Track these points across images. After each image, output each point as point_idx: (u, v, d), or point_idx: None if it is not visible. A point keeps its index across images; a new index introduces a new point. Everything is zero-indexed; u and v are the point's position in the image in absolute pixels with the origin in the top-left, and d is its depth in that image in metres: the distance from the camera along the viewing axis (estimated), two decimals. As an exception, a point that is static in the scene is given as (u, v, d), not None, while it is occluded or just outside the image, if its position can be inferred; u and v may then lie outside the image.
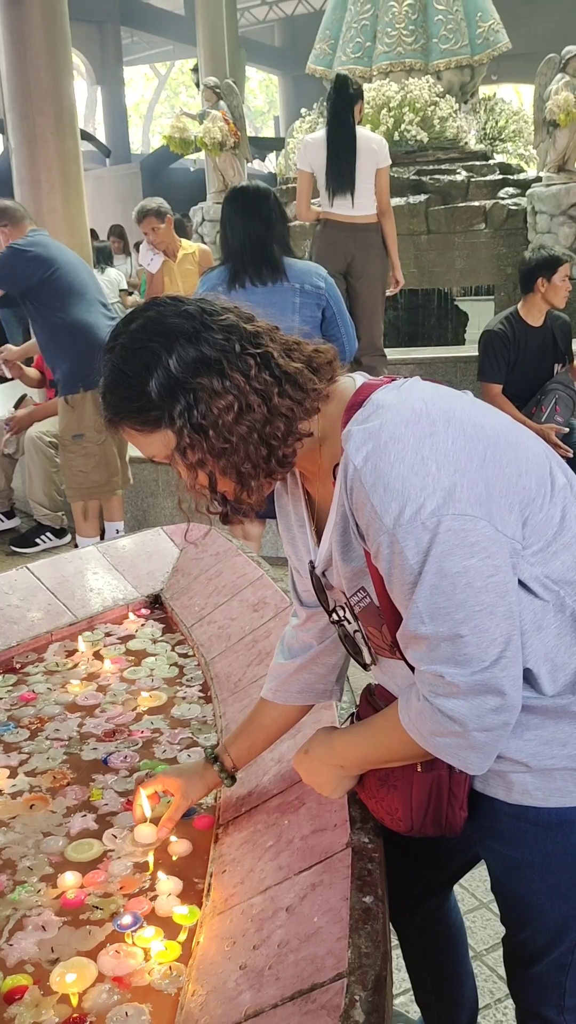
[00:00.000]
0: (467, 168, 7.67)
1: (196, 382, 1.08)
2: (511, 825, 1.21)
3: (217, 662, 2.19)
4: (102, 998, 1.24)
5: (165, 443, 1.13)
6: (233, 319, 1.13)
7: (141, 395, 1.10)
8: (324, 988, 1.02)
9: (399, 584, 1.03)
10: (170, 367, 1.08)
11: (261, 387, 1.10)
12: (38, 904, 1.43)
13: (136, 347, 1.11)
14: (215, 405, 1.08)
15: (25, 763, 1.86)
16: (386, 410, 1.06)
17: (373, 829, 1.28)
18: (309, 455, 1.18)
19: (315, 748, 1.33)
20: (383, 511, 1.01)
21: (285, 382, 1.12)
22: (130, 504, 5.04)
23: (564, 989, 1.28)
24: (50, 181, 6.06)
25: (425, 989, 1.62)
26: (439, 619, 1.01)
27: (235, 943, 1.22)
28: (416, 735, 1.11)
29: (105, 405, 1.15)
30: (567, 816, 1.16)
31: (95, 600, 2.61)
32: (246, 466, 1.11)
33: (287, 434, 1.12)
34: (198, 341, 1.09)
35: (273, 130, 27.24)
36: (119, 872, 1.48)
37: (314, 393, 1.14)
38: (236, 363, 1.09)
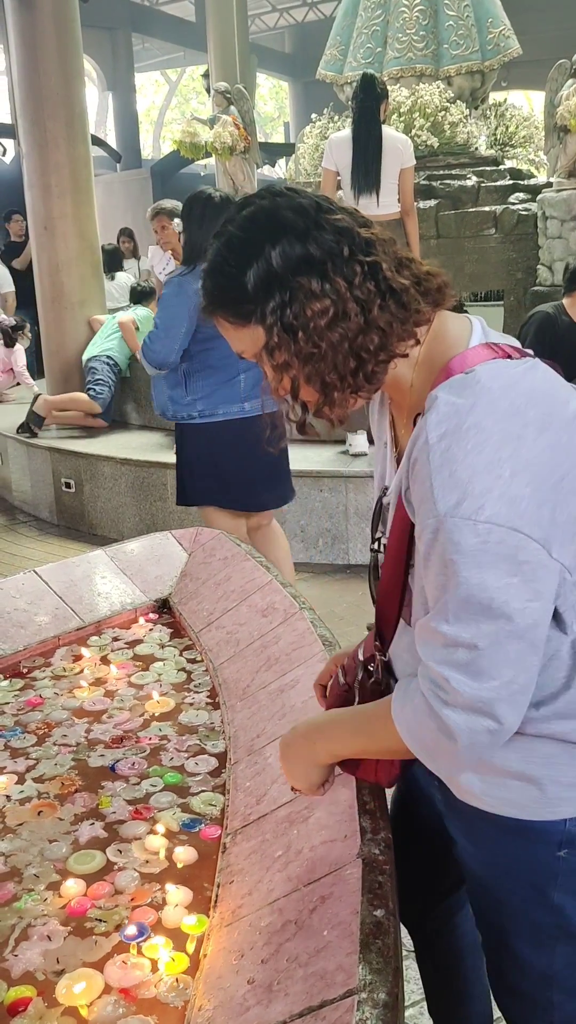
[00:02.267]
0: (477, 173, 7.65)
1: (295, 280, 1.03)
2: (472, 819, 1.19)
3: (225, 668, 2.17)
4: (107, 1010, 1.22)
5: (254, 340, 1.08)
6: (348, 222, 1.06)
7: (238, 285, 1.05)
8: (334, 1005, 0.99)
9: (434, 572, 0.99)
10: (271, 260, 1.03)
11: (363, 296, 1.04)
12: (44, 913, 1.41)
13: (243, 235, 1.07)
14: (310, 307, 1.03)
15: (32, 769, 1.84)
16: (484, 392, 0.99)
17: (384, 840, 1.25)
18: (398, 383, 1.13)
19: (300, 724, 1.32)
20: (440, 496, 0.96)
21: (389, 296, 1.05)
22: (138, 507, 5.04)
23: (552, 1004, 1.22)
24: (61, 186, 6.05)
25: (436, 1000, 1.59)
26: (465, 624, 0.97)
27: (243, 956, 1.19)
28: (403, 729, 1.08)
29: (203, 291, 1.12)
30: (523, 825, 1.14)
31: (103, 604, 2.59)
32: (331, 376, 1.06)
33: (380, 349, 1.06)
34: (306, 238, 1.04)
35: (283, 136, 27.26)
36: (126, 884, 1.46)
37: (417, 315, 1.08)
38: (341, 267, 1.03)
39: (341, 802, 1.39)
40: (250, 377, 3.49)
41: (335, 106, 8.80)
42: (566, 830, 1.12)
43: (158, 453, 5.09)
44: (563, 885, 1.15)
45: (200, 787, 1.74)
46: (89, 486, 5.24)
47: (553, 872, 1.14)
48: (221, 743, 1.89)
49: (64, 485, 5.37)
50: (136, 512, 5.04)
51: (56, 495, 5.47)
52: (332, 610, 3.90)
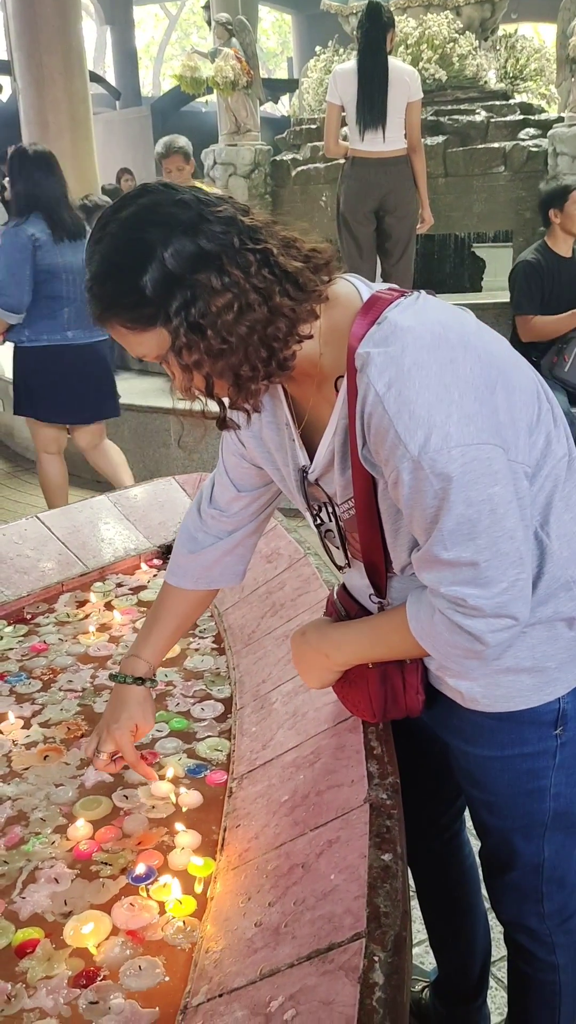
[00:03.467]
0: (486, 108, 7.42)
1: (193, 278, 1.01)
2: (468, 720, 1.25)
3: (230, 613, 2.15)
4: (115, 952, 1.23)
5: (159, 342, 1.06)
6: (231, 211, 1.06)
7: (134, 290, 1.02)
8: (342, 948, 0.99)
9: (421, 510, 1.03)
10: (166, 261, 1.01)
11: (261, 285, 1.04)
12: (51, 856, 1.42)
13: (130, 237, 1.03)
14: (214, 303, 1.02)
15: (38, 714, 1.84)
16: (406, 333, 1.02)
17: (392, 785, 1.24)
18: (307, 358, 1.14)
19: (311, 633, 1.34)
20: (408, 439, 0.99)
21: (286, 281, 1.06)
22: (141, 454, 5.00)
23: (541, 893, 1.31)
24: (58, 123, 5.91)
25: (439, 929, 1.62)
26: (462, 545, 1.02)
27: (250, 899, 1.19)
28: (429, 644, 1.13)
29: (93, 300, 1.08)
30: (518, 714, 1.22)
31: (106, 550, 2.58)
32: (244, 369, 1.06)
33: (288, 335, 1.07)
34: (196, 233, 1.02)
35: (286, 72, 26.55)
36: (133, 828, 1.46)
37: (315, 294, 1.09)
38: (235, 259, 1.03)
39: (348, 747, 1.38)
40: (73, 310, 3.99)
41: (340, 38, 8.52)
42: (560, 708, 1.21)
43: (160, 399, 5.03)
44: (560, 764, 1.23)
45: (206, 732, 1.73)
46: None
47: (550, 752, 1.23)
48: (227, 688, 1.88)
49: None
50: (139, 458, 5.00)
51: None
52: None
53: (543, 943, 1.33)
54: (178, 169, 5.12)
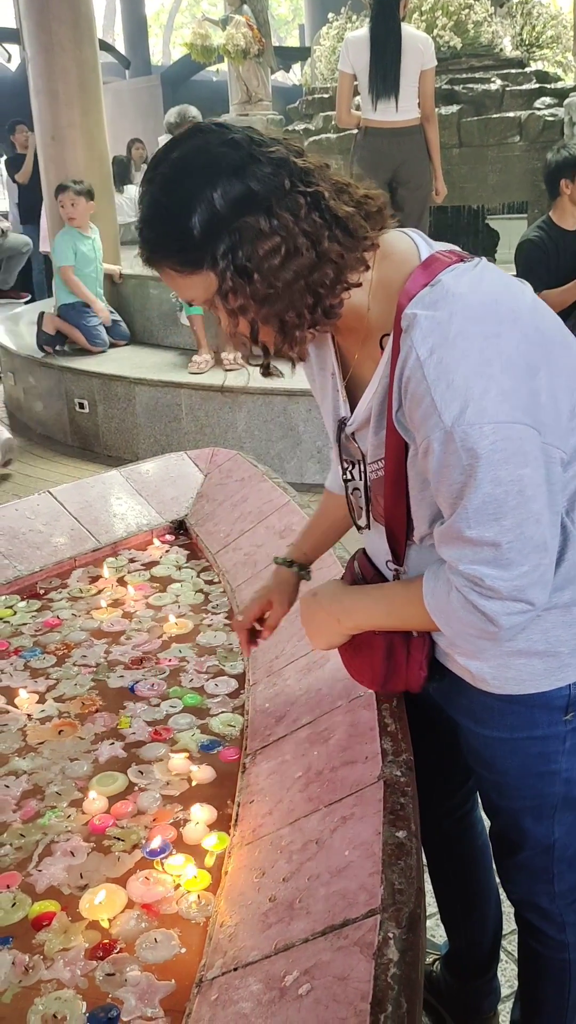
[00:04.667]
0: (502, 76, 7.28)
1: (242, 220, 0.99)
2: (478, 701, 1.24)
3: (243, 589, 2.15)
4: (130, 925, 1.24)
5: (206, 286, 1.05)
6: (283, 152, 1.03)
7: (182, 232, 1.01)
8: (356, 924, 0.99)
9: (447, 483, 1.01)
10: (214, 203, 0.99)
11: (310, 229, 1.01)
12: (67, 830, 1.43)
13: (178, 178, 1.02)
14: (261, 247, 1.00)
15: (53, 688, 1.85)
16: (456, 300, 1.00)
17: (406, 762, 1.25)
18: (355, 311, 1.11)
19: (323, 595, 1.34)
20: (443, 408, 0.97)
21: (336, 226, 1.03)
22: (152, 428, 4.99)
23: (552, 874, 1.31)
24: (68, 92, 5.82)
25: (450, 905, 1.62)
26: (486, 525, 1.00)
27: (264, 874, 1.20)
28: (442, 621, 1.12)
29: (143, 243, 1.06)
30: (529, 698, 1.20)
31: (119, 526, 2.58)
32: (290, 315, 1.04)
33: (335, 282, 1.04)
34: (245, 175, 1.00)
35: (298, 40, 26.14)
36: (147, 804, 1.47)
37: (365, 242, 1.06)
38: (285, 201, 1.00)
39: (362, 724, 1.38)
40: None
41: (353, 5, 8.36)
42: (571, 694, 1.19)
43: (172, 372, 5.01)
44: (572, 749, 1.22)
45: (220, 708, 1.74)
46: (103, 406, 5.18)
47: (560, 737, 1.21)
48: (240, 664, 1.88)
49: (78, 406, 5.31)
50: (151, 433, 4.99)
51: (70, 415, 5.42)
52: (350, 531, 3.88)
53: (554, 922, 1.33)
54: None
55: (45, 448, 5.51)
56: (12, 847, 1.40)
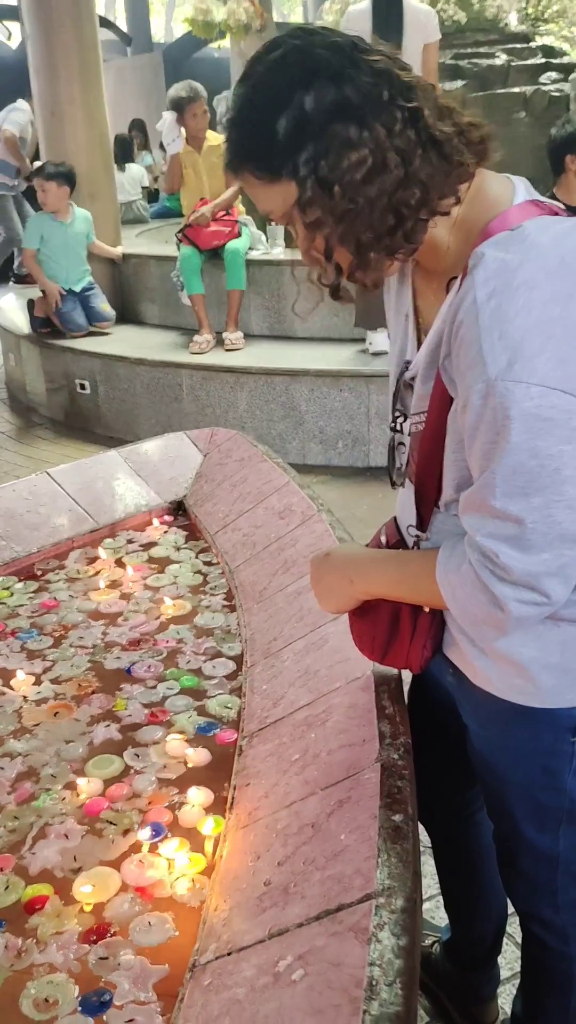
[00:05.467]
0: (507, 51, 7.21)
1: (330, 128, 0.93)
2: (483, 706, 1.18)
3: (242, 570, 2.13)
4: (124, 908, 1.22)
5: (285, 197, 0.98)
6: (387, 63, 0.95)
7: (267, 136, 0.95)
8: (351, 909, 0.98)
9: (482, 442, 0.93)
10: (304, 106, 0.93)
11: (403, 146, 0.93)
12: (61, 812, 1.42)
13: (272, 79, 0.96)
14: (347, 158, 0.93)
15: (49, 670, 1.83)
16: (532, 248, 0.92)
17: (403, 745, 1.23)
18: (434, 245, 1.04)
19: (337, 555, 1.27)
20: (490, 358, 0.89)
21: (430, 147, 0.95)
22: (153, 408, 4.96)
23: (556, 886, 1.25)
24: (68, 69, 5.74)
25: (454, 896, 1.61)
26: (514, 498, 0.92)
27: (259, 858, 1.18)
28: (449, 594, 1.05)
29: (228, 145, 1.02)
30: (534, 711, 1.13)
31: (117, 506, 2.55)
32: (367, 235, 0.97)
33: (420, 205, 0.97)
34: (342, 81, 0.93)
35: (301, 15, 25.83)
36: (143, 788, 1.46)
37: (460, 168, 0.98)
38: (380, 113, 0.93)
39: (359, 706, 1.36)
40: None
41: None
42: None
43: (173, 353, 4.97)
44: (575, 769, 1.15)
45: (216, 690, 1.72)
46: (104, 387, 5.14)
47: (567, 755, 1.15)
48: (238, 646, 1.86)
49: (79, 386, 5.28)
50: (152, 413, 4.95)
51: (70, 396, 5.38)
52: (352, 513, 3.85)
53: (557, 934, 1.29)
54: (203, 114, 5.02)
55: (45, 429, 5.48)
56: (5, 829, 1.39)
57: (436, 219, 1.00)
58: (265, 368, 4.52)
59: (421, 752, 1.27)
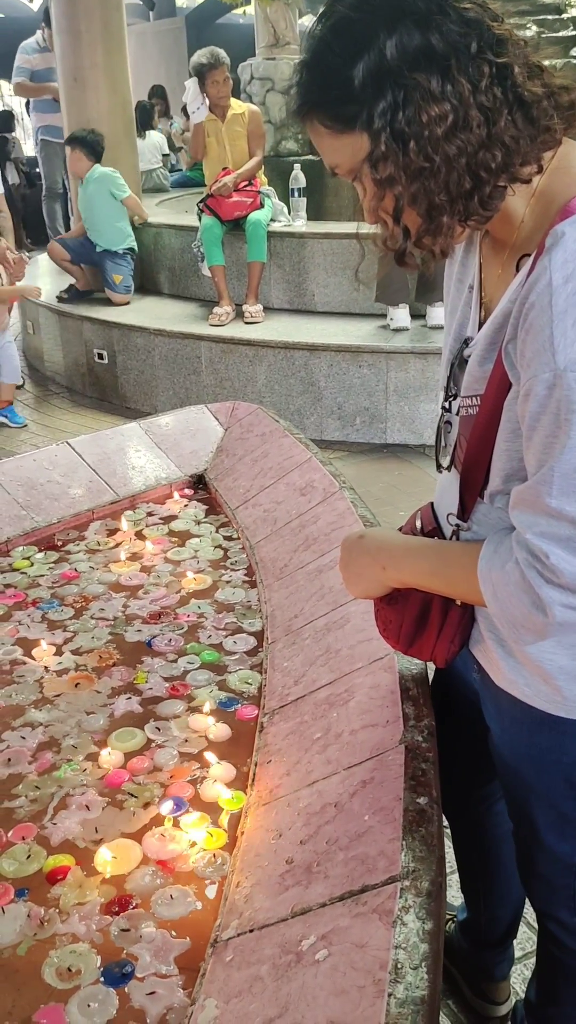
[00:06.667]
0: (538, 23, 7.05)
1: (412, 77, 0.85)
2: (507, 711, 1.14)
3: (262, 546, 2.13)
4: (145, 881, 1.23)
5: (355, 150, 0.92)
6: (479, 12, 0.88)
7: (343, 80, 0.88)
8: (376, 891, 0.98)
9: (542, 436, 0.89)
10: (386, 51, 0.85)
11: (488, 104, 0.86)
12: (83, 783, 1.42)
13: (352, 18, 0.88)
14: (426, 111, 0.85)
15: (70, 641, 1.84)
16: None
17: (427, 728, 1.23)
18: (508, 216, 0.97)
19: (371, 539, 1.21)
20: (561, 345, 0.84)
21: (517, 108, 0.88)
22: (171, 380, 4.94)
23: (573, 890, 1.22)
24: (91, 32, 5.66)
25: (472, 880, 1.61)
26: (571, 497, 0.87)
27: (281, 836, 1.19)
28: (489, 593, 0.99)
29: (298, 88, 0.94)
30: (558, 720, 1.08)
31: (137, 479, 2.55)
32: (441, 197, 0.90)
33: (501, 169, 0.90)
34: (428, 27, 0.85)
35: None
36: (164, 761, 1.46)
37: (546, 133, 0.91)
38: (467, 66, 0.86)
39: (383, 687, 1.36)
40: None
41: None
42: None
43: (192, 324, 4.94)
44: None
45: (237, 665, 1.72)
46: (122, 357, 5.12)
47: None
48: (258, 622, 1.86)
49: (97, 356, 5.26)
50: (169, 385, 4.93)
51: (89, 366, 5.36)
52: (368, 490, 3.83)
53: (573, 933, 1.27)
54: (224, 81, 4.93)
55: (63, 399, 5.47)
56: (27, 799, 1.40)
57: (515, 187, 0.94)
58: (285, 342, 4.49)
59: (442, 740, 1.25)
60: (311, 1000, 0.90)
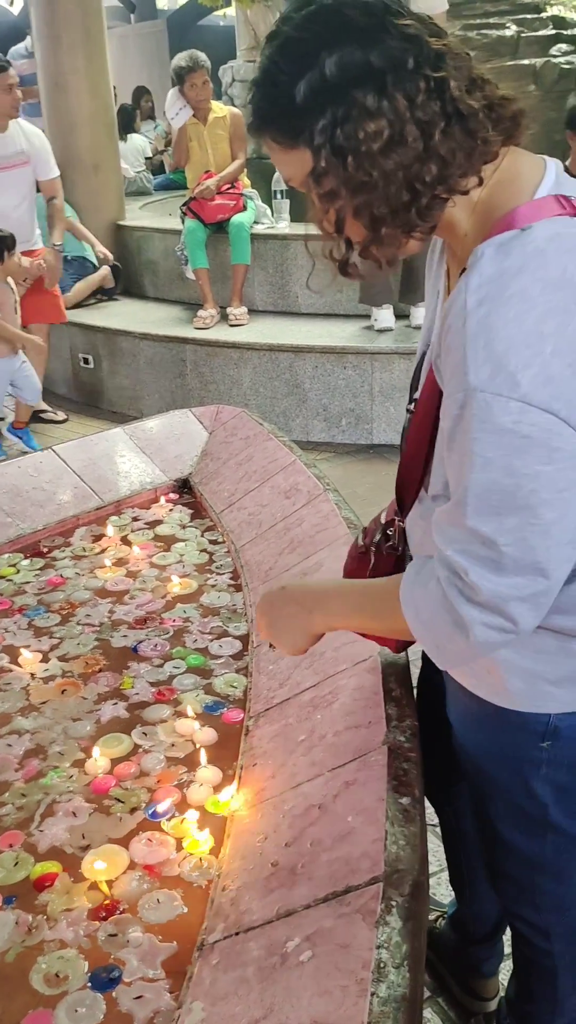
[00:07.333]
0: (517, 22, 7.08)
1: (351, 95, 0.88)
2: (461, 703, 1.17)
3: (247, 549, 2.13)
4: (132, 886, 1.24)
5: (302, 164, 0.94)
6: (418, 29, 0.90)
7: (286, 98, 0.91)
8: (359, 891, 0.99)
9: (458, 452, 0.90)
10: (326, 69, 0.88)
11: (424, 118, 0.88)
12: (69, 790, 1.43)
13: (297, 38, 0.91)
14: (363, 127, 0.88)
15: (56, 648, 1.84)
16: (536, 255, 0.87)
17: (410, 728, 1.24)
18: (453, 228, 0.99)
19: (294, 587, 1.23)
20: (472, 367, 0.85)
21: (455, 121, 0.90)
22: (156, 384, 4.94)
23: (537, 888, 1.24)
24: (71, 38, 5.65)
25: (458, 871, 1.62)
26: (487, 517, 0.88)
27: (266, 839, 1.20)
28: (411, 614, 1.01)
29: (252, 108, 0.98)
30: (509, 714, 1.10)
31: (122, 484, 2.55)
32: (381, 209, 0.92)
33: (437, 181, 0.91)
34: (368, 44, 0.88)
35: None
36: (151, 766, 1.47)
37: (484, 146, 0.92)
38: (404, 82, 0.88)
39: (366, 688, 1.37)
40: None
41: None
42: (550, 723, 1.09)
43: (177, 327, 4.94)
44: (546, 776, 1.13)
45: (223, 669, 1.73)
46: (107, 361, 5.12)
47: (536, 762, 1.12)
48: (244, 625, 1.87)
49: (82, 360, 5.26)
50: (155, 388, 4.93)
51: (74, 371, 5.36)
52: (354, 491, 3.84)
53: (540, 932, 1.29)
54: (203, 84, 4.93)
55: (49, 403, 5.46)
56: (14, 806, 1.40)
57: (456, 199, 0.95)
58: (269, 344, 4.50)
59: (426, 732, 1.27)
60: (295, 1001, 0.91)
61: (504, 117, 0.95)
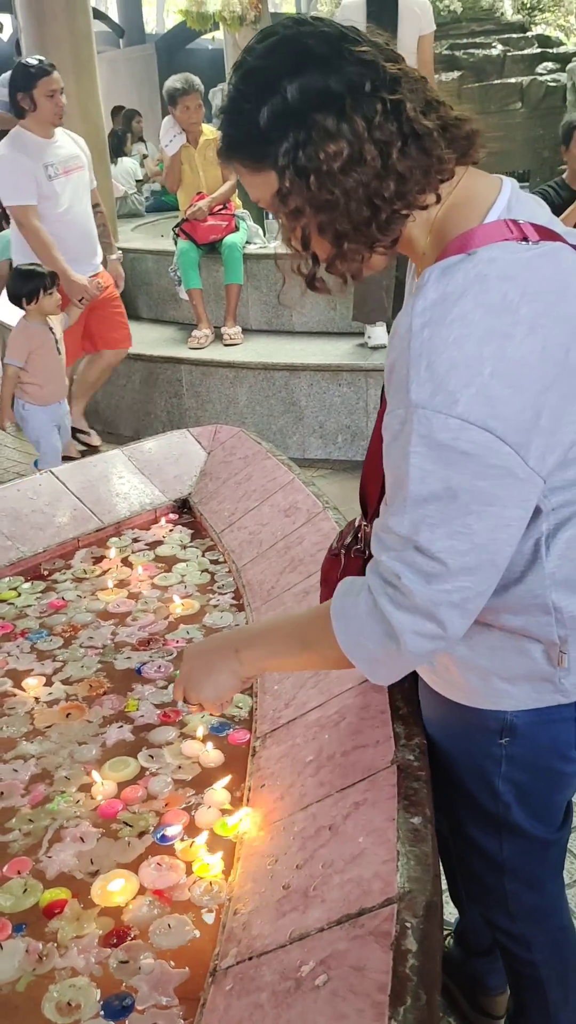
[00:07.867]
0: (503, 41, 7.18)
1: (311, 118, 0.93)
2: (427, 697, 1.20)
3: (249, 569, 2.13)
4: (143, 911, 1.23)
5: (268, 185, 1.00)
6: (374, 54, 0.96)
7: (251, 123, 0.97)
8: (373, 913, 0.98)
9: (395, 465, 0.95)
10: (288, 95, 0.94)
11: (382, 138, 0.94)
12: (76, 815, 1.42)
13: (259, 67, 0.97)
14: (324, 148, 0.93)
15: (60, 671, 1.84)
16: (476, 280, 0.91)
17: (418, 746, 1.23)
18: (412, 246, 1.04)
19: (222, 633, 1.26)
20: (414, 384, 0.90)
21: (411, 140, 0.95)
22: (152, 404, 4.95)
23: (505, 891, 1.26)
24: (61, 62, 5.67)
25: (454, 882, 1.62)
26: (421, 528, 0.93)
27: (277, 861, 1.19)
28: (341, 628, 1.03)
29: (221, 134, 1.03)
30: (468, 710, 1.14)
31: (122, 505, 2.55)
32: (344, 225, 0.98)
33: (396, 197, 0.96)
34: (327, 70, 0.94)
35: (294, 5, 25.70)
36: (158, 789, 1.46)
37: (440, 164, 0.97)
38: (362, 105, 0.93)
39: (372, 707, 1.37)
40: None
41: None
42: (507, 720, 1.13)
43: (171, 348, 4.96)
44: (507, 775, 1.16)
45: (228, 690, 1.73)
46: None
47: (496, 758, 1.16)
48: (247, 645, 1.87)
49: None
50: (151, 409, 4.94)
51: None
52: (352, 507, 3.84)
53: (518, 942, 1.31)
54: (196, 107, 4.98)
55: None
56: (21, 832, 1.39)
57: (416, 216, 1.00)
58: (264, 363, 4.52)
59: None
60: (312, 1025, 0.90)
61: (458, 137, 1.00)
